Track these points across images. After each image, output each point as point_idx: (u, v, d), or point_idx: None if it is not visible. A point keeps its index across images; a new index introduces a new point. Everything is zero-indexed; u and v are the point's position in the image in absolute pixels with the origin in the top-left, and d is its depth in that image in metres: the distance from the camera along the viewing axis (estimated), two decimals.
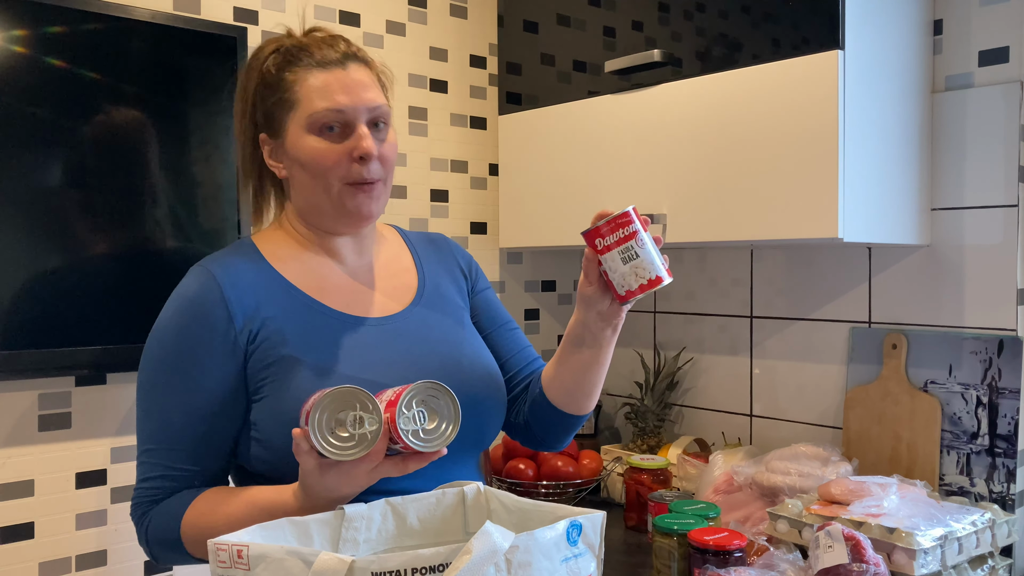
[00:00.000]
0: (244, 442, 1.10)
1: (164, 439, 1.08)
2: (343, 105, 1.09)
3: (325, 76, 1.10)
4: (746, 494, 1.64)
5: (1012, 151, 1.55)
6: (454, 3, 2.11)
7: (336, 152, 1.10)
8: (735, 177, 1.56)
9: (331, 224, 1.16)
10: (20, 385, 1.52)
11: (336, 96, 1.09)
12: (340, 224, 1.16)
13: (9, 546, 1.51)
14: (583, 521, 0.86)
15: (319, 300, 1.13)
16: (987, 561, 1.40)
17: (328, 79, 1.10)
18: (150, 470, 1.09)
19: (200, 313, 1.08)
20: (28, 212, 1.45)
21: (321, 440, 0.89)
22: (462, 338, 1.21)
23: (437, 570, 0.74)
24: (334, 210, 1.13)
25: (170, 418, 1.08)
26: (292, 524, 0.90)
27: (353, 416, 0.90)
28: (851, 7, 1.44)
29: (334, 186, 1.11)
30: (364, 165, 1.10)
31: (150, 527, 1.09)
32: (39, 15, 1.45)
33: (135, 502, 1.11)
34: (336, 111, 1.09)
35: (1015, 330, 1.55)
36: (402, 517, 0.98)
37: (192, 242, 1.62)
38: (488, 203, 2.19)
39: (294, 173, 1.14)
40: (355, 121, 1.10)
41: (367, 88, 1.11)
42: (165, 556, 1.10)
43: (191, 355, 1.08)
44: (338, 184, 1.11)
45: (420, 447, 0.92)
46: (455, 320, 1.23)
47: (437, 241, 1.34)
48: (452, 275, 1.30)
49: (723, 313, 2.01)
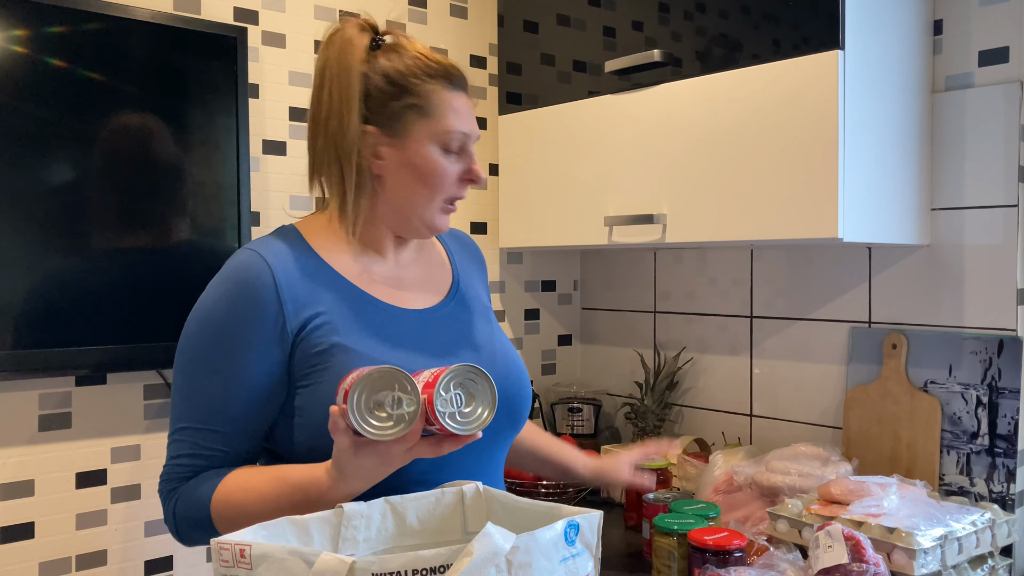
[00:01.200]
0: (285, 428, 1.10)
1: (201, 420, 1.08)
2: (469, 130, 1.17)
3: (459, 99, 1.17)
4: (746, 494, 1.64)
5: (1012, 151, 1.55)
6: (454, 3, 2.11)
7: (453, 171, 1.17)
8: (735, 177, 1.56)
9: (405, 229, 1.20)
10: (20, 385, 1.52)
11: (467, 122, 1.17)
12: (416, 232, 1.20)
13: (9, 546, 1.51)
14: (580, 521, 0.86)
15: (365, 290, 1.15)
16: (987, 561, 1.41)
17: (463, 103, 1.17)
18: (182, 448, 1.09)
19: (252, 297, 1.08)
20: (28, 212, 1.45)
21: (359, 419, 0.89)
22: (493, 335, 1.25)
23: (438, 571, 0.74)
24: (421, 220, 1.18)
25: (209, 399, 1.08)
26: (292, 523, 0.90)
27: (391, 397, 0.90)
28: (851, 7, 1.44)
29: (438, 200, 1.17)
30: (465, 187, 1.19)
31: (177, 505, 1.09)
32: (39, 15, 1.45)
33: (164, 479, 1.11)
34: (465, 134, 1.16)
35: (1015, 330, 1.55)
36: (401, 516, 0.98)
37: (192, 242, 1.62)
38: (488, 203, 2.19)
39: (400, 176, 1.15)
40: (469, 146, 1.18)
41: (474, 117, 1.20)
42: (191, 535, 1.10)
43: (238, 338, 1.07)
44: (442, 199, 1.17)
45: (456, 430, 0.91)
46: (485, 318, 1.27)
47: (463, 240, 1.39)
48: (482, 279, 1.36)
49: (723, 313, 2.02)
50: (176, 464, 1.10)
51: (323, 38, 1.19)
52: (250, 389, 1.07)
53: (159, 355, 1.59)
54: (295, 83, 1.85)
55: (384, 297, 1.16)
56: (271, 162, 1.82)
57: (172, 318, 1.60)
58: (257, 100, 1.79)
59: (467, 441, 0.94)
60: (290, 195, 1.85)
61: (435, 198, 1.16)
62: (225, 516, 1.05)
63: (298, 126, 1.86)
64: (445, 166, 1.15)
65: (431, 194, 1.16)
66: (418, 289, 1.22)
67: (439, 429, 0.92)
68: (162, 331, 1.58)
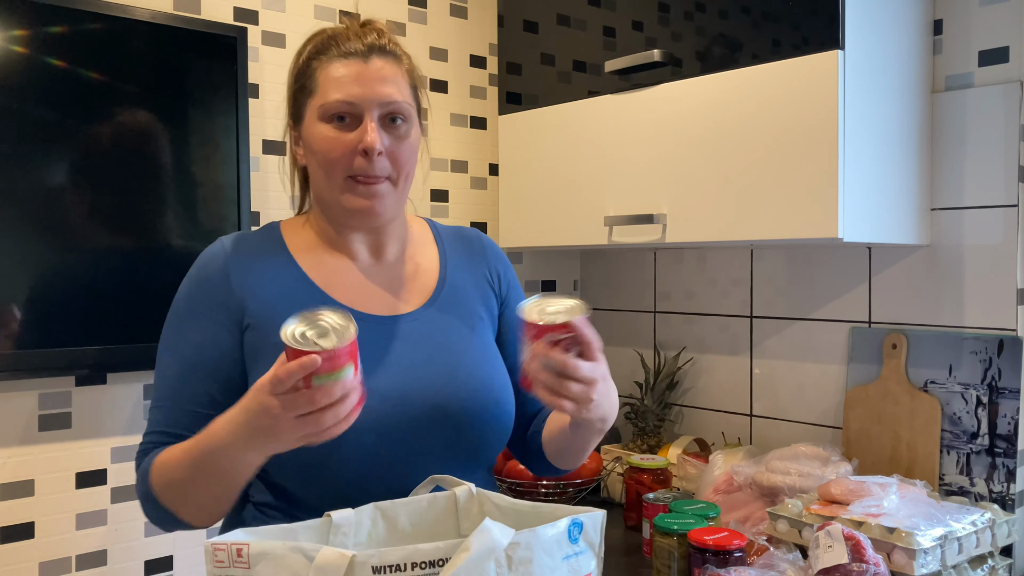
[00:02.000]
0: None
1: (164, 396, 1.09)
2: (354, 96, 1.08)
3: (343, 66, 1.09)
4: (746, 494, 1.64)
5: (1012, 151, 1.55)
6: (454, 3, 2.11)
7: (343, 143, 1.08)
8: (735, 177, 1.56)
9: (339, 217, 1.14)
10: (20, 385, 1.52)
11: (349, 87, 1.08)
12: (345, 218, 1.14)
13: (9, 546, 1.51)
14: (584, 519, 0.86)
15: (326, 292, 1.12)
16: (987, 561, 1.40)
17: (345, 70, 1.09)
18: (151, 426, 1.10)
19: (203, 276, 1.12)
20: (28, 212, 1.45)
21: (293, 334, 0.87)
22: (467, 347, 1.16)
23: (437, 564, 0.74)
24: (337, 203, 1.12)
25: (169, 374, 1.09)
26: (280, 530, 0.89)
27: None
28: (851, 7, 1.44)
29: (337, 178, 1.10)
30: (367, 159, 1.08)
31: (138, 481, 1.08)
32: (39, 15, 1.45)
33: (136, 459, 1.11)
34: (346, 102, 1.08)
35: (1015, 330, 1.55)
36: (392, 521, 0.97)
37: (192, 241, 1.62)
38: (488, 203, 2.19)
39: (309, 161, 1.14)
40: (364, 113, 1.08)
41: (385, 82, 1.09)
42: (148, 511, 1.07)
43: (189, 317, 1.10)
44: (341, 176, 1.10)
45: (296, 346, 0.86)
46: (467, 327, 1.18)
47: (471, 240, 1.30)
48: (478, 282, 1.25)
49: (723, 313, 2.01)
50: (145, 442, 1.10)
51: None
52: (196, 365, 1.07)
53: None
54: None
55: (345, 300, 1.12)
56: (271, 162, 1.82)
57: None
58: (257, 100, 1.79)
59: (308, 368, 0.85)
60: (290, 195, 1.85)
61: (332, 175, 1.09)
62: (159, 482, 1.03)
63: None
64: (331, 139, 1.08)
65: (327, 172, 1.10)
66: (391, 295, 1.16)
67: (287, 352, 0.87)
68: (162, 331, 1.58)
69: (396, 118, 1.11)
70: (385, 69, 1.10)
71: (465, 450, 1.12)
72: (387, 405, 1.05)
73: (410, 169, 1.14)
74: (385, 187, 1.11)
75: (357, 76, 1.08)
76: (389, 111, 1.10)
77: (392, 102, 1.09)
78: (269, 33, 1.81)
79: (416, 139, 1.14)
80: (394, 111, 1.10)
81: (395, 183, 1.12)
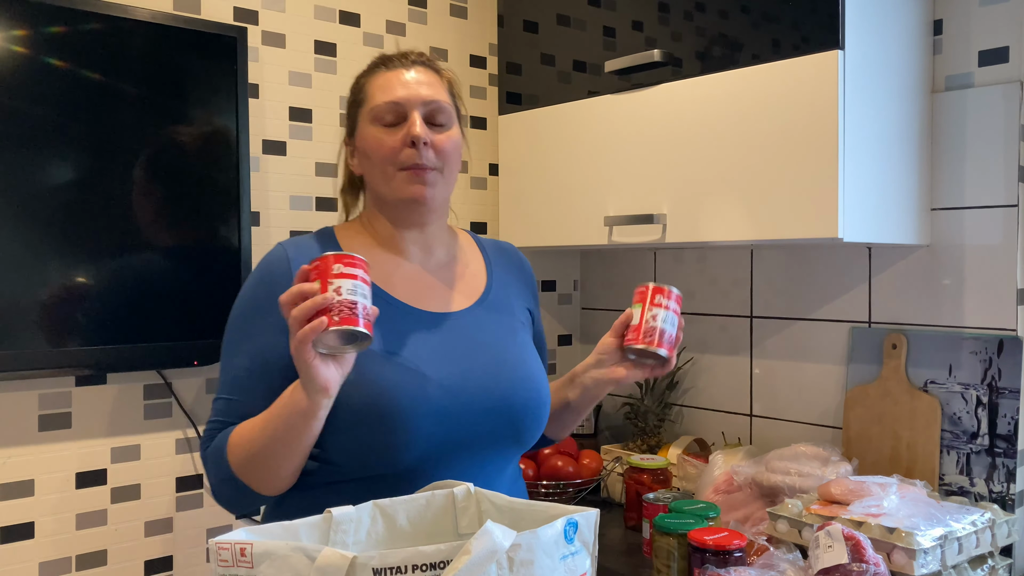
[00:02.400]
0: None
1: (226, 391, 1.18)
2: (399, 97, 1.19)
3: (388, 75, 1.22)
4: (746, 494, 1.64)
5: (1012, 151, 1.56)
6: (454, 3, 2.11)
7: (392, 139, 1.19)
8: (735, 177, 1.56)
9: (394, 213, 1.24)
10: (20, 385, 1.52)
11: (394, 91, 1.20)
12: (400, 211, 1.23)
13: (9, 546, 1.51)
14: (579, 519, 0.86)
15: (384, 289, 1.21)
16: (987, 561, 1.40)
17: (390, 76, 1.21)
18: (217, 415, 1.18)
19: (268, 279, 1.18)
20: (27, 212, 1.45)
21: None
22: (510, 344, 1.26)
23: (438, 567, 0.74)
24: (393, 196, 1.21)
25: (236, 370, 1.17)
26: (282, 528, 0.89)
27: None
28: (851, 7, 1.44)
29: (391, 172, 1.20)
30: (416, 150, 1.18)
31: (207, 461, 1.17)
32: (39, 15, 1.45)
33: (202, 446, 1.19)
34: (392, 103, 1.19)
35: (1015, 330, 1.55)
36: (391, 519, 0.98)
37: (192, 242, 1.62)
38: (488, 203, 2.19)
39: (364, 166, 1.24)
40: (409, 111, 1.19)
41: (425, 86, 1.21)
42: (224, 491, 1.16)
43: (254, 315, 1.17)
44: (394, 169, 1.19)
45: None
46: (510, 328, 1.28)
47: (509, 253, 1.40)
48: (520, 291, 1.36)
49: (723, 313, 2.02)
50: (208, 430, 1.19)
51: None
52: (264, 363, 1.15)
53: (159, 355, 1.59)
54: (295, 83, 1.85)
55: (402, 296, 1.21)
56: (271, 162, 1.82)
57: (172, 318, 1.60)
58: (257, 100, 1.79)
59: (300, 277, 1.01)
60: (290, 195, 1.85)
61: (387, 169, 1.20)
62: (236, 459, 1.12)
63: (298, 126, 1.86)
64: (381, 137, 1.20)
65: (381, 167, 1.20)
66: (444, 293, 1.26)
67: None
68: (162, 331, 1.59)
69: (438, 116, 1.22)
70: (426, 76, 1.23)
71: (511, 436, 1.21)
72: (443, 392, 1.14)
73: (455, 163, 1.24)
74: (434, 176, 1.21)
75: (401, 81, 1.21)
76: (431, 109, 1.21)
77: (433, 101, 1.21)
78: (269, 33, 1.81)
79: (458, 135, 1.25)
80: (435, 110, 1.21)
81: (443, 174, 1.23)
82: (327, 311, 0.98)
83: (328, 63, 1.90)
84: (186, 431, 1.71)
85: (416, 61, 1.24)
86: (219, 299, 1.64)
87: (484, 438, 1.17)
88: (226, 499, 1.17)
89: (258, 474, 1.11)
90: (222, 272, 1.65)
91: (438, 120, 1.22)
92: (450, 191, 1.26)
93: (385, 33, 1.99)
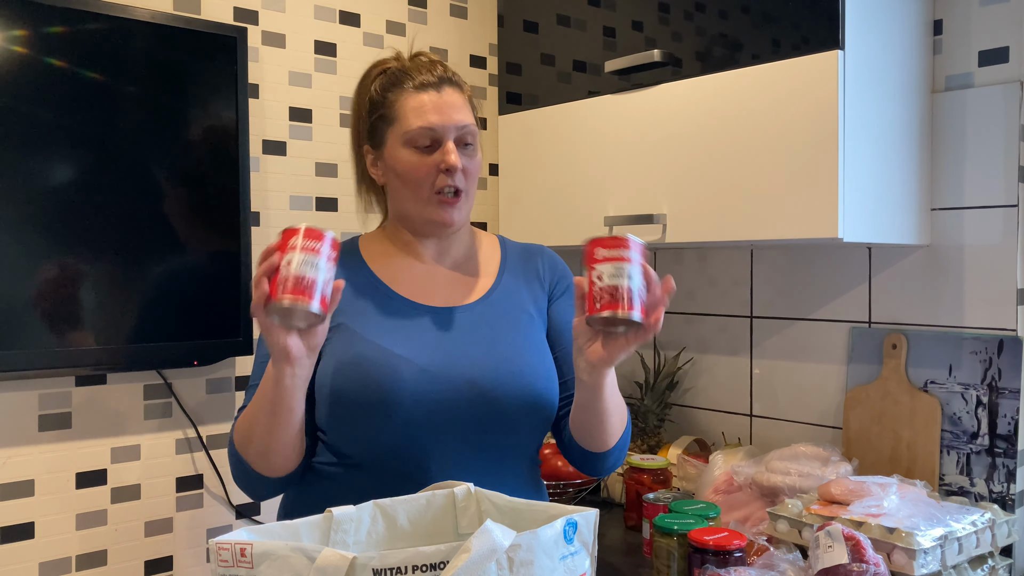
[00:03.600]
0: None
1: (253, 380, 1.23)
2: (435, 124, 1.22)
3: (421, 97, 1.24)
4: (746, 494, 1.64)
5: (1012, 151, 1.55)
6: (454, 3, 2.11)
7: (427, 164, 1.23)
8: (735, 177, 1.56)
9: (417, 227, 1.29)
10: (20, 385, 1.52)
11: (429, 116, 1.22)
12: (425, 228, 1.28)
13: (9, 546, 1.51)
14: (578, 519, 0.86)
15: (389, 285, 1.27)
16: (987, 561, 1.40)
17: (424, 100, 1.23)
18: (245, 402, 1.22)
19: None
20: (27, 212, 1.45)
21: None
22: (510, 337, 1.27)
23: (438, 567, 0.74)
24: (420, 216, 1.26)
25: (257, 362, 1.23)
26: (282, 527, 0.90)
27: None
28: (851, 7, 1.44)
29: (424, 194, 1.24)
30: (450, 176, 1.23)
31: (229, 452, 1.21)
32: (39, 15, 1.45)
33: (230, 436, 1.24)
34: (428, 129, 1.22)
35: (1015, 330, 1.55)
36: (392, 519, 0.98)
37: (192, 242, 1.62)
38: (488, 203, 2.19)
39: (390, 182, 1.28)
40: (444, 138, 1.23)
41: (457, 109, 1.24)
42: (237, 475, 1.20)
43: None
44: (427, 193, 1.24)
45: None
46: (514, 321, 1.29)
47: (531, 251, 1.41)
48: (529, 283, 1.35)
49: (723, 313, 2.02)
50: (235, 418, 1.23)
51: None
52: None
53: (159, 355, 1.59)
54: (295, 83, 1.85)
55: (406, 292, 1.27)
56: (271, 162, 1.82)
57: (172, 318, 1.60)
58: (257, 100, 1.79)
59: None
60: (290, 195, 1.85)
61: (420, 194, 1.24)
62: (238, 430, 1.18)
63: (298, 126, 1.86)
64: (416, 163, 1.23)
65: (414, 191, 1.24)
66: (450, 290, 1.29)
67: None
68: (162, 331, 1.59)
69: (468, 139, 1.26)
70: (455, 97, 1.26)
71: (499, 427, 1.21)
72: (425, 376, 1.18)
73: (476, 181, 1.29)
74: (461, 200, 1.26)
75: (435, 106, 1.23)
76: (461, 135, 1.25)
77: (465, 126, 1.25)
78: (269, 33, 1.81)
79: (480, 157, 1.29)
80: (466, 134, 1.25)
81: (467, 195, 1.27)
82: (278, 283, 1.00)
83: (328, 63, 1.90)
84: (186, 431, 1.71)
85: (443, 79, 1.26)
86: (219, 299, 1.64)
87: (472, 427, 1.19)
88: (238, 479, 1.21)
89: (253, 448, 1.15)
90: (222, 272, 1.65)
91: (468, 142, 1.25)
92: (471, 207, 1.30)
93: (385, 33, 1.99)
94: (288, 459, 1.17)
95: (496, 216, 2.19)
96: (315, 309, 1.01)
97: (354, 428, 1.18)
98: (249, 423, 1.15)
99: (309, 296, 1.01)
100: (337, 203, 1.91)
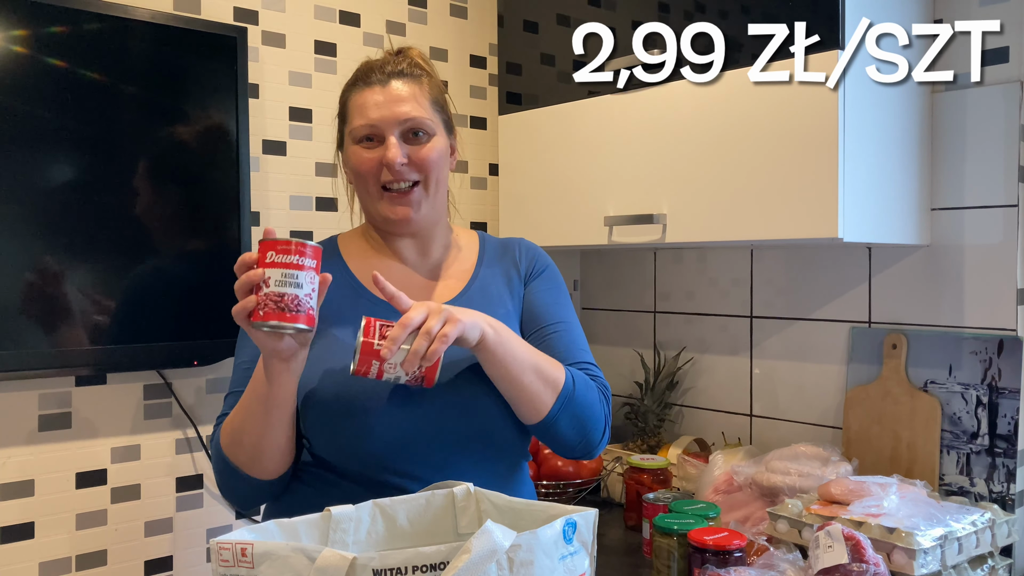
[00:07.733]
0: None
1: (233, 387, 1.22)
2: (373, 120, 1.22)
3: (365, 94, 1.24)
4: (746, 494, 1.64)
5: (1012, 151, 1.55)
6: (454, 3, 2.11)
7: (370, 160, 1.23)
8: (735, 177, 1.56)
9: (382, 226, 1.29)
10: (20, 385, 1.52)
11: (369, 112, 1.22)
12: (387, 226, 1.27)
13: (9, 546, 1.51)
14: (578, 519, 0.86)
15: (365, 286, 1.26)
16: (987, 561, 1.40)
17: (367, 97, 1.23)
18: (224, 409, 1.22)
19: None
20: (27, 212, 1.45)
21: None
22: None
23: (438, 568, 0.74)
24: (377, 214, 1.26)
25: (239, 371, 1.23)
26: (280, 526, 0.90)
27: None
28: (851, 7, 1.44)
29: (374, 191, 1.24)
30: (392, 171, 1.21)
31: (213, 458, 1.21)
32: (39, 15, 1.45)
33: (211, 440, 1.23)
34: (368, 125, 1.22)
35: (1015, 330, 1.55)
36: (391, 518, 0.98)
37: (192, 242, 1.62)
38: (488, 203, 2.19)
39: (352, 181, 1.30)
40: (385, 133, 1.22)
41: (402, 102, 1.22)
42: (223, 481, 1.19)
43: None
44: (375, 189, 1.24)
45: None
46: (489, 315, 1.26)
47: (509, 244, 1.40)
48: (506, 275, 1.35)
49: (723, 313, 2.02)
50: (216, 424, 1.22)
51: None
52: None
53: (159, 355, 1.59)
54: (295, 83, 1.85)
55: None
56: (271, 162, 1.82)
57: (172, 318, 1.60)
58: (257, 100, 1.79)
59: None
60: (290, 195, 1.85)
61: (369, 190, 1.24)
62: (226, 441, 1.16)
63: (298, 126, 1.86)
64: (362, 159, 1.23)
65: (364, 188, 1.25)
66: (426, 291, 1.28)
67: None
68: (162, 331, 1.59)
69: (418, 131, 1.23)
70: (403, 90, 1.23)
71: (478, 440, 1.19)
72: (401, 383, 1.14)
73: (439, 174, 1.26)
74: (418, 194, 1.24)
75: (376, 102, 1.22)
76: (409, 127, 1.23)
77: (409, 119, 1.22)
78: (269, 33, 1.81)
79: (440, 147, 1.26)
80: (413, 126, 1.23)
81: (426, 188, 1.24)
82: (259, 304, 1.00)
83: (328, 63, 1.90)
84: (186, 431, 1.71)
85: (394, 73, 1.24)
86: (219, 299, 1.63)
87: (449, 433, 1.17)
88: (223, 485, 1.19)
89: (244, 452, 1.13)
90: (222, 272, 1.64)
91: (418, 135, 1.23)
92: (439, 200, 1.28)
93: (385, 33, 1.99)
94: (280, 461, 1.15)
95: (496, 216, 2.19)
96: (301, 327, 1.01)
97: (333, 435, 1.17)
98: (239, 426, 1.13)
99: (293, 316, 1.00)
100: (337, 203, 1.91)
